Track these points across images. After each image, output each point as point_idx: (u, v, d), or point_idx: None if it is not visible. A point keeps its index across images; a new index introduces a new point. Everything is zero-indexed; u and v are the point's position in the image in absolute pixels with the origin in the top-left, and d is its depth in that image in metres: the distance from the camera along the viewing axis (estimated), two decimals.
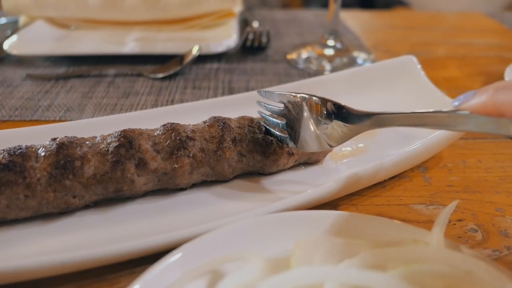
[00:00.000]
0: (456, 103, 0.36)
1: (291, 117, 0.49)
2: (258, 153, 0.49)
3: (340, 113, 0.45)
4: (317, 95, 0.48)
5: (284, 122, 0.49)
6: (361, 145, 0.57)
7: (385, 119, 0.43)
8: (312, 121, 0.47)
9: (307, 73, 0.86)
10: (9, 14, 0.97)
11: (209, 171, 0.48)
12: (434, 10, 1.93)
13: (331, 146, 0.47)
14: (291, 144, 0.49)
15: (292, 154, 0.51)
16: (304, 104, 0.47)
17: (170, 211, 0.46)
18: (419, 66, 0.69)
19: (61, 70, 0.85)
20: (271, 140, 0.50)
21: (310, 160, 0.53)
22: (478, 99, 0.34)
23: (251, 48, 0.97)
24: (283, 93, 0.50)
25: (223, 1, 0.98)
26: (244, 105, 0.61)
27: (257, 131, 0.51)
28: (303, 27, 1.17)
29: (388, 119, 0.42)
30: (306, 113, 0.47)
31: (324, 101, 0.47)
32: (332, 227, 0.39)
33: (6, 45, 0.86)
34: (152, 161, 0.46)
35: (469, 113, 0.35)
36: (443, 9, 1.91)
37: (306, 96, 0.48)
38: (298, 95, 0.48)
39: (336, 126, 0.46)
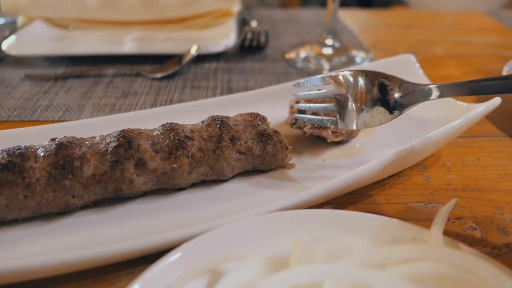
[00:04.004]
0: (507, 68, 0.37)
1: (337, 97, 0.50)
2: (257, 149, 0.49)
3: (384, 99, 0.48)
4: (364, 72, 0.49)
5: (333, 104, 0.50)
6: (357, 145, 0.57)
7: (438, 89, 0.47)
8: (354, 102, 0.49)
9: (305, 72, 0.86)
10: (7, 14, 0.97)
11: (208, 170, 0.49)
12: (432, 8, 1.93)
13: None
14: (341, 125, 0.51)
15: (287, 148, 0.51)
16: (349, 84, 0.49)
17: (169, 211, 0.46)
18: (417, 65, 0.69)
19: (59, 70, 0.85)
20: (270, 134, 0.50)
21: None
22: None
23: (249, 48, 0.97)
24: (324, 75, 0.51)
25: (221, 1, 0.98)
26: (243, 105, 0.61)
27: (255, 125, 0.51)
28: (302, 26, 1.17)
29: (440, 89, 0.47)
30: (350, 94, 0.49)
31: (371, 85, 0.49)
32: (331, 226, 0.39)
33: (4, 46, 0.86)
34: (151, 161, 0.46)
35: None
36: (441, 8, 1.91)
37: (351, 78, 0.50)
38: (340, 75, 0.50)
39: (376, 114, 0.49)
